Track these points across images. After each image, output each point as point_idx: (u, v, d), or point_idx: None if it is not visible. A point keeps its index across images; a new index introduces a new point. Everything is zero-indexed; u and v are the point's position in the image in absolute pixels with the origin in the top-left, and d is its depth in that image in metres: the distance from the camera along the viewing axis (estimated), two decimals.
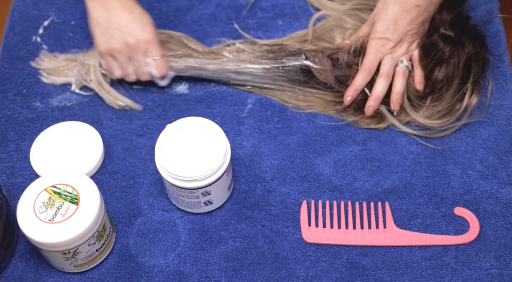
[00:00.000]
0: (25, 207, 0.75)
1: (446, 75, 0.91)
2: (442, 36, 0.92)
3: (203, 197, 0.81)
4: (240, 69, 0.94)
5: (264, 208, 0.85)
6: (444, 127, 0.91)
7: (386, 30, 0.91)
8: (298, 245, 0.82)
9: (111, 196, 0.87)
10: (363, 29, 0.96)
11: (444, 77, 0.91)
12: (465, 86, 0.91)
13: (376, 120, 0.92)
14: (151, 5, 1.07)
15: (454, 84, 0.91)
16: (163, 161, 0.79)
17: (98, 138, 0.90)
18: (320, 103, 0.94)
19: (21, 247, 0.83)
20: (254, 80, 0.95)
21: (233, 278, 0.80)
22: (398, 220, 0.84)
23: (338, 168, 0.89)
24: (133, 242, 0.83)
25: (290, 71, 0.94)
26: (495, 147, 0.90)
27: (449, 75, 0.91)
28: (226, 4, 1.06)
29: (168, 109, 0.95)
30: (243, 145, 0.91)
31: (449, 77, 0.91)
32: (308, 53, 0.94)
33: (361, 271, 0.80)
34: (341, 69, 0.93)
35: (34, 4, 1.07)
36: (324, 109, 0.94)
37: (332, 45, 0.97)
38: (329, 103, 0.94)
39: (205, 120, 0.82)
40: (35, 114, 0.95)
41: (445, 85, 0.91)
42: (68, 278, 0.80)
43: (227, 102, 0.96)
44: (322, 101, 0.94)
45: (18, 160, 0.90)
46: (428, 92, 0.92)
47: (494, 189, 0.86)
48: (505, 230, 0.83)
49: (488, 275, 0.79)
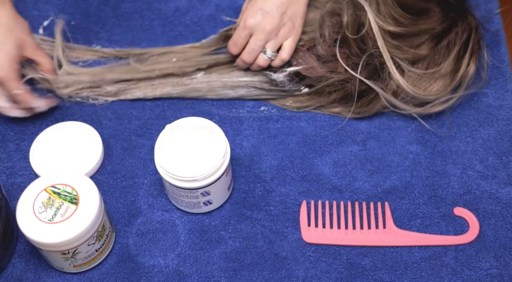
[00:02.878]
0: (24, 207, 0.75)
1: (447, 43, 0.91)
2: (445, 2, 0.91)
3: (203, 197, 0.81)
4: (233, 83, 0.95)
5: (263, 208, 0.85)
6: (440, 99, 0.90)
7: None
8: (297, 245, 0.82)
9: (111, 196, 0.87)
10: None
11: (445, 45, 0.91)
12: (464, 56, 0.91)
13: (368, 102, 0.92)
14: (151, 5, 1.07)
15: (453, 53, 0.90)
16: (162, 161, 0.79)
17: (98, 138, 0.90)
18: (320, 100, 0.93)
19: (21, 247, 0.83)
20: (250, 93, 0.95)
21: (233, 278, 0.80)
22: (397, 220, 0.84)
23: (337, 168, 0.89)
24: (133, 242, 0.83)
25: (282, 82, 0.94)
26: (495, 147, 0.90)
27: (450, 44, 0.91)
28: (225, 5, 1.06)
29: (167, 109, 0.95)
30: (243, 145, 0.91)
31: (449, 46, 0.91)
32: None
33: (360, 271, 0.80)
34: (326, 64, 0.93)
35: (34, 4, 1.07)
36: (327, 107, 0.94)
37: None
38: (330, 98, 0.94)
39: (205, 120, 0.82)
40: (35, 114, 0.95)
41: (446, 53, 0.91)
42: (68, 278, 0.80)
43: (226, 102, 0.95)
44: (323, 99, 0.94)
45: (18, 160, 0.90)
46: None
47: (494, 189, 0.86)
48: (505, 230, 0.83)
49: (488, 275, 0.79)
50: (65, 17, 1.05)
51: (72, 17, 1.06)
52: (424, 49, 0.91)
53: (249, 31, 0.90)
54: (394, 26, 0.91)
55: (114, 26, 1.05)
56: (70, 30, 1.04)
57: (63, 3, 1.07)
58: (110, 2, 1.08)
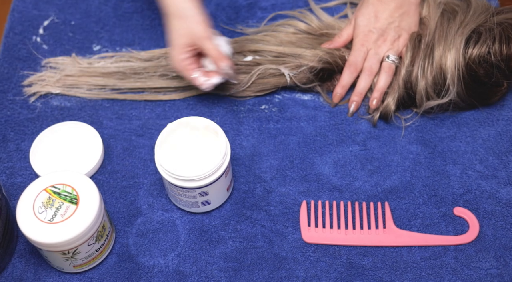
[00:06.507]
0: (24, 207, 0.75)
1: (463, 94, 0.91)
2: (493, 65, 0.88)
3: (201, 197, 0.81)
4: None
5: (263, 208, 0.85)
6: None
7: (368, 23, 0.93)
8: (297, 245, 0.82)
9: (111, 196, 0.87)
10: (347, 29, 0.96)
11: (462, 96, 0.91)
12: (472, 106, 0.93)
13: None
14: (151, 5, 1.07)
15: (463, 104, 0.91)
16: (162, 160, 0.79)
17: (98, 138, 0.90)
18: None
19: (21, 247, 0.83)
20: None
21: (233, 278, 0.80)
22: (397, 220, 0.84)
23: (337, 168, 0.89)
24: (133, 242, 0.83)
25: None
26: (495, 147, 0.90)
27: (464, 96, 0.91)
28: (226, 4, 1.06)
29: (168, 109, 0.95)
30: (243, 145, 0.91)
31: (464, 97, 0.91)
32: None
33: (360, 271, 0.80)
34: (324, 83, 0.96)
35: (34, 4, 1.07)
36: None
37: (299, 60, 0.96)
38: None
39: (206, 120, 0.82)
40: (35, 114, 0.95)
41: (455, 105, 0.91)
42: (68, 278, 0.80)
43: (226, 102, 0.96)
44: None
45: (18, 160, 0.90)
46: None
47: (494, 189, 0.86)
48: (505, 230, 0.83)
49: (488, 275, 0.79)
50: (65, 17, 1.05)
51: (72, 17, 1.06)
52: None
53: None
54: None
55: (114, 26, 1.05)
56: (70, 30, 1.04)
57: (63, 3, 1.07)
58: (111, 2, 1.08)
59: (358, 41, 0.94)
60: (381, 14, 0.93)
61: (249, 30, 1.02)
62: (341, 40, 0.96)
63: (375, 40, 0.93)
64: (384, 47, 0.93)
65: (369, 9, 0.94)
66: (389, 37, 0.93)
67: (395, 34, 0.93)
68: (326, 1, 1.05)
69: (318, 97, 0.96)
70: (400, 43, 0.93)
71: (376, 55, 0.93)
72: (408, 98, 0.92)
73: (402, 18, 0.92)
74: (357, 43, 0.94)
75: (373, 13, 0.93)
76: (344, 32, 0.96)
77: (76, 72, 0.97)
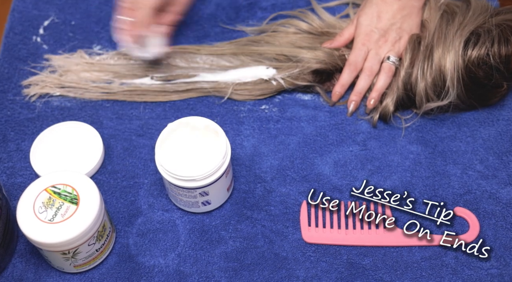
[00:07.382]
0: (25, 207, 0.75)
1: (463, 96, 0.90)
2: (493, 68, 0.88)
3: (201, 197, 0.81)
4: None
5: (264, 208, 0.85)
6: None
7: (370, 23, 0.93)
8: (298, 245, 0.82)
9: (111, 196, 0.87)
10: (348, 28, 0.97)
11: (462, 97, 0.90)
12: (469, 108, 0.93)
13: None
14: None
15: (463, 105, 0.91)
16: (162, 160, 0.79)
17: (98, 138, 0.90)
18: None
19: (21, 247, 0.83)
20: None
21: (233, 278, 0.80)
22: (397, 220, 0.84)
23: (338, 168, 0.89)
24: (133, 242, 0.83)
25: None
26: (495, 147, 0.90)
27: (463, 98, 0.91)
28: (226, 4, 1.06)
29: (168, 109, 0.95)
30: (243, 145, 0.91)
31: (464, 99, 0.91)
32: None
33: (361, 271, 0.80)
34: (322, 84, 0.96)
35: (34, 4, 1.07)
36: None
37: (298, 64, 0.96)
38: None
39: (206, 120, 0.82)
40: (35, 114, 0.95)
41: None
42: (68, 278, 0.80)
43: (226, 102, 0.96)
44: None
45: (18, 160, 0.90)
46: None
47: (494, 189, 0.86)
48: (505, 230, 0.83)
49: (488, 275, 0.79)
50: (65, 17, 1.05)
51: (72, 17, 1.06)
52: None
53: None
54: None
55: None
56: (70, 30, 1.04)
57: (63, 3, 1.07)
58: (111, 2, 1.07)
59: (359, 40, 0.94)
60: (384, 15, 0.93)
61: (249, 29, 1.02)
62: (342, 39, 0.96)
63: (376, 41, 0.93)
64: (385, 48, 0.93)
65: (372, 9, 0.94)
66: (390, 38, 0.93)
67: (397, 35, 0.93)
68: (327, 1, 1.05)
69: (318, 98, 0.96)
70: (401, 45, 0.93)
71: (376, 55, 0.93)
72: (408, 100, 0.92)
73: (404, 20, 0.93)
74: (358, 42, 0.94)
75: (376, 13, 0.93)
76: (345, 31, 0.96)
77: (78, 68, 0.97)
